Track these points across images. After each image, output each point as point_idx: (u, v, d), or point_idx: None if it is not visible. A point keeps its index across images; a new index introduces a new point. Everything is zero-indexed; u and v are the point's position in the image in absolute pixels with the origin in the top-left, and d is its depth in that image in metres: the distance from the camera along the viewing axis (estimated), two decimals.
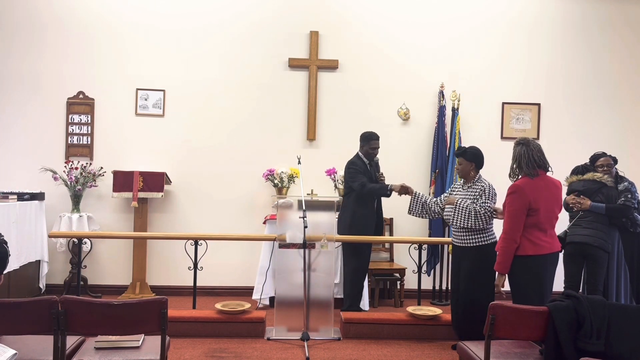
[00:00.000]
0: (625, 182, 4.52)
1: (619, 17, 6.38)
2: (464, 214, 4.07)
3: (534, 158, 3.69)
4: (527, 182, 3.67)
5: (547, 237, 3.67)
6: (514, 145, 3.83)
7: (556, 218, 3.75)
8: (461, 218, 4.07)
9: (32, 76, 5.92)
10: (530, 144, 3.75)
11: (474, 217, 4.03)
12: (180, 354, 4.10)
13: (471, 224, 4.04)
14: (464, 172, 4.22)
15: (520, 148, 3.74)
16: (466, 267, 4.09)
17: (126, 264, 5.86)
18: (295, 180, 5.90)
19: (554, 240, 3.73)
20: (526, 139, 3.82)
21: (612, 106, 6.37)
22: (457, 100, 6.11)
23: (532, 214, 3.62)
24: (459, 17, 6.27)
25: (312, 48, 6.12)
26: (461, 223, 4.07)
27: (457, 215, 4.09)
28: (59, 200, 5.78)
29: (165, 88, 6.04)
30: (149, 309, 2.76)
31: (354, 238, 4.94)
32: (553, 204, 3.70)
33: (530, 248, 3.61)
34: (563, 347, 2.81)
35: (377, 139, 5.08)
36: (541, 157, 3.72)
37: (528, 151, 3.70)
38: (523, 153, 3.71)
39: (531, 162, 3.67)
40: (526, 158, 3.69)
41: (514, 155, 3.79)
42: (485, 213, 4.04)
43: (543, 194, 3.65)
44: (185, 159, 6.04)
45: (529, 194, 3.62)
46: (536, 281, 3.61)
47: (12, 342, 2.85)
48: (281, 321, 4.59)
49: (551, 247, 3.68)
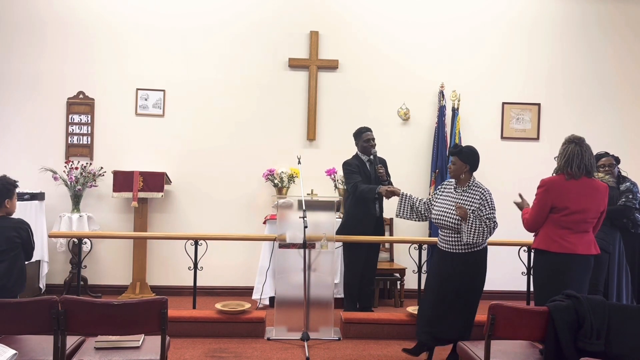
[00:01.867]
0: (627, 183, 4.51)
1: (619, 17, 6.38)
2: (478, 231, 3.71)
3: (585, 163, 3.51)
4: (558, 181, 3.54)
5: (573, 237, 3.49)
6: (565, 142, 3.63)
7: (592, 222, 3.55)
8: (474, 235, 3.70)
9: (32, 76, 5.92)
10: (584, 144, 3.55)
11: (487, 233, 3.75)
12: (180, 354, 4.10)
13: (482, 239, 3.75)
14: (456, 174, 3.89)
15: (574, 147, 3.53)
16: (461, 271, 3.77)
17: (126, 264, 5.86)
18: (295, 180, 5.90)
19: (581, 242, 3.50)
20: (580, 138, 3.59)
21: (612, 106, 6.37)
22: (457, 100, 6.11)
23: (557, 212, 3.50)
24: (459, 17, 6.28)
25: (312, 48, 6.12)
26: (472, 240, 3.71)
27: (471, 232, 3.71)
28: (59, 200, 5.78)
29: (165, 88, 6.04)
30: (149, 309, 2.76)
31: (354, 238, 4.94)
32: (588, 207, 3.49)
33: (550, 244, 3.50)
34: (563, 347, 2.81)
35: (368, 131, 5.03)
36: (591, 162, 3.53)
37: (582, 152, 3.51)
38: (577, 153, 3.51)
39: (583, 165, 3.50)
40: (579, 160, 3.50)
41: (565, 152, 3.57)
42: (494, 227, 3.78)
43: (573, 195, 3.48)
44: (185, 158, 6.04)
45: (554, 192, 3.50)
46: (557, 280, 3.43)
47: (12, 342, 2.86)
48: (281, 321, 4.59)
49: (574, 248, 3.48)
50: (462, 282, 3.76)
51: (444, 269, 3.85)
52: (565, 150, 3.59)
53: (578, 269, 3.50)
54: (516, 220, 6.19)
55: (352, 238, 4.94)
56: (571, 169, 3.51)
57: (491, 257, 3.79)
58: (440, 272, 3.87)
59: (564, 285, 3.31)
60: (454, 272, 3.79)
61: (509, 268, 5.46)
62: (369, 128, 5.08)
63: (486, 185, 3.93)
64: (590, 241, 3.56)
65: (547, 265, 3.54)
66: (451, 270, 3.80)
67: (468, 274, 3.77)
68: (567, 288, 3.17)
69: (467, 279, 3.77)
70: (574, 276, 3.48)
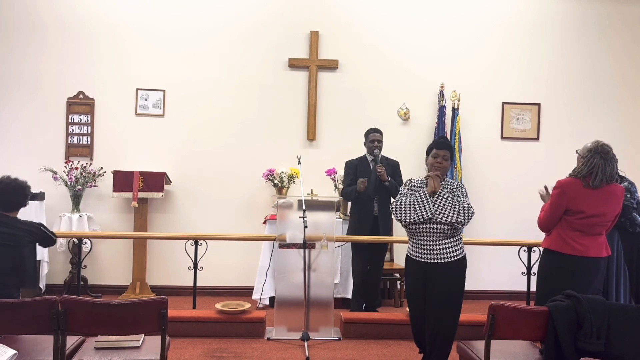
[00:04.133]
0: (625, 182, 4.51)
1: (619, 17, 6.38)
2: (451, 207, 3.34)
3: (608, 175, 3.45)
4: (575, 185, 3.48)
5: (585, 239, 3.46)
6: (589, 151, 3.52)
7: (606, 224, 3.52)
8: (448, 212, 3.33)
9: (32, 76, 5.92)
10: (609, 157, 3.47)
11: (465, 211, 3.34)
12: (180, 354, 4.10)
13: (461, 219, 3.33)
14: (445, 171, 3.54)
15: (599, 160, 3.45)
16: (446, 282, 3.39)
17: (126, 264, 5.86)
18: (295, 180, 5.90)
19: (593, 245, 3.47)
20: (606, 150, 3.49)
21: (612, 106, 6.37)
22: (457, 100, 6.11)
23: (572, 214, 3.47)
24: (459, 17, 6.27)
25: (312, 48, 6.12)
26: (447, 218, 3.32)
27: (444, 208, 3.34)
28: (59, 200, 5.77)
29: (165, 88, 6.04)
30: (149, 309, 2.75)
31: (355, 238, 4.95)
32: (604, 211, 3.46)
33: (562, 246, 3.48)
34: (563, 347, 2.81)
35: (375, 132, 5.12)
36: (613, 173, 3.47)
37: (605, 165, 3.44)
38: (600, 166, 3.44)
39: (605, 178, 3.44)
40: (602, 174, 3.43)
41: (588, 163, 3.48)
42: (470, 209, 3.38)
43: (590, 201, 3.44)
44: (185, 159, 6.04)
45: (570, 196, 3.45)
46: (565, 282, 3.37)
47: (12, 342, 2.86)
48: (281, 321, 4.59)
49: (586, 250, 3.44)
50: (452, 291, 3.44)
51: (420, 282, 3.47)
52: (589, 161, 3.50)
53: (587, 271, 3.46)
54: (516, 221, 6.26)
55: (352, 238, 4.95)
56: (592, 183, 3.46)
57: (491, 257, 3.77)
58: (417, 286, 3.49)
59: (570, 287, 3.18)
60: (438, 282, 3.40)
61: (509, 268, 5.46)
62: (378, 129, 5.15)
63: (486, 185, 3.90)
64: (602, 243, 3.53)
65: (554, 266, 3.51)
66: (433, 281, 3.41)
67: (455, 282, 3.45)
68: (574, 290, 3.07)
69: (456, 287, 3.45)
70: (582, 279, 3.43)
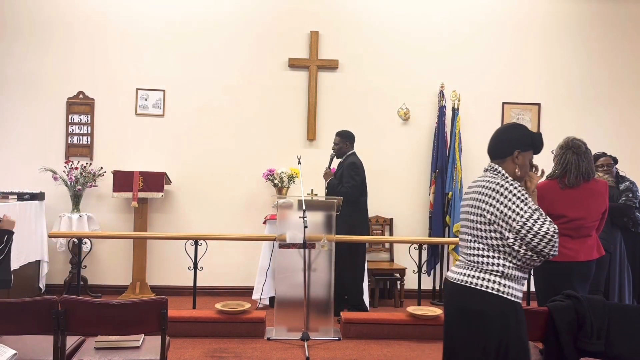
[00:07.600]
0: (627, 182, 4.52)
1: (619, 17, 6.38)
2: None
3: (582, 171, 3.36)
4: (552, 188, 3.40)
5: (573, 243, 3.38)
6: (560, 149, 3.49)
7: (593, 225, 3.43)
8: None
9: (32, 76, 5.92)
10: (581, 151, 3.39)
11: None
12: (180, 354, 4.10)
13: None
14: None
15: (571, 156, 3.39)
16: None
17: (126, 264, 5.86)
18: (295, 180, 5.90)
19: (582, 248, 3.40)
20: (578, 145, 3.42)
21: (612, 106, 6.37)
22: (457, 100, 6.10)
23: (555, 219, 3.27)
24: (460, 17, 6.27)
25: (312, 48, 6.12)
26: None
27: None
28: (59, 200, 5.77)
29: (165, 88, 6.04)
30: (149, 309, 2.76)
31: (357, 238, 4.95)
32: (587, 212, 3.39)
33: None
34: (563, 347, 2.81)
35: (336, 135, 5.32)
36: (589, 168, 3.38)
37: (579, 161, 3.37)
38: (574, 162, 3.37)
39: (580, 175, 3.35)
40: (576, 170, 3.36)
41: (561, 161, 3.43)
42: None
43: (569, 203, 3.37)
44: (185, 159, 6.04)
45: (548, 200, 3.30)
46: (558, 288, 3.21)
47: (12, 342, 2.86)
48: (281, 321, 4.59)
49: (575, 255, 3.37)
50: None
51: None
52: (562, 159, 3.46)
53: (578, 276, 3.42)
54: None
55: (352, 238, 4.94)
56: (568, 181, 3.40)
57: None
58: None
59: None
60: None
61: None
62: (337, 132, 5.35)
63: None
64: (592, 245, 3.47)
65: (546, 274, 3.45)
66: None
67: None
68: None
69: None
70: (574, 284, 3.38)
